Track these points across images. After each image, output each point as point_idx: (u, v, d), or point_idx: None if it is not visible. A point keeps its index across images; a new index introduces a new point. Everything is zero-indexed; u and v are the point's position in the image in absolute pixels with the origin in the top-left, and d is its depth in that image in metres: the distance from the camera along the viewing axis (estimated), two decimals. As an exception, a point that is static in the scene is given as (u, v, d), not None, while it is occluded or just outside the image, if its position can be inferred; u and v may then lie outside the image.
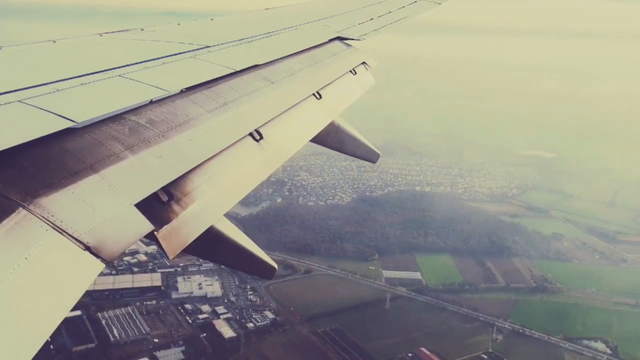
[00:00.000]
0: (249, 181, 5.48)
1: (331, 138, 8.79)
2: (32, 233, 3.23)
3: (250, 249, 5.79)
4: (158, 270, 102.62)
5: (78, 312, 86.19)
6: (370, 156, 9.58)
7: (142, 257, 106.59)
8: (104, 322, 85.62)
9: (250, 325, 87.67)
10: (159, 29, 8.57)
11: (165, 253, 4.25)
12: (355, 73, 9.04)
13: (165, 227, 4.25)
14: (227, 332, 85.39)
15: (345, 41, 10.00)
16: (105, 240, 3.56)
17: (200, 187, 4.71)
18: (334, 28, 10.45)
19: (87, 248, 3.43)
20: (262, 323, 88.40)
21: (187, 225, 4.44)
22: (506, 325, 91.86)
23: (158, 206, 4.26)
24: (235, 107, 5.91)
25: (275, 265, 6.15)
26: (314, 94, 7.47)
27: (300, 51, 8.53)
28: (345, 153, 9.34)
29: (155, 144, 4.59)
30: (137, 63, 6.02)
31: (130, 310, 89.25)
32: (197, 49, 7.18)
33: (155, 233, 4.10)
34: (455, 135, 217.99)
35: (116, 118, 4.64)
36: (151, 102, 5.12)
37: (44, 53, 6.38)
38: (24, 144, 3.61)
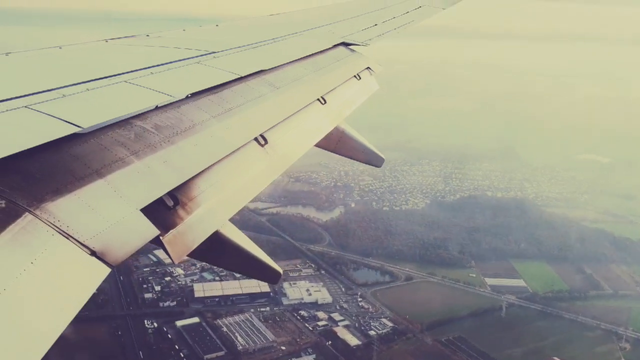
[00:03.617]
0: (254, 186, 5.48)
1: (336, 143, 8.79)
2: (39, 238, 3.24)
3: (255, 254, 5.78)
4: None
5: (196, 319, 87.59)
6: (374, 161, 9.56)
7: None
8: (224, 329, 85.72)
9: (372, 333, 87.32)
10: (164, 35, 8.60)
11: (170, 258, 4.26)
12: (360, 78, 9.05)
13: (170, 232, 4.25)
14: (352, 340, 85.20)
15: (349, 47, 10.02)
16: (111, 245, 3.56)
17: (205, 192, 4.71)
18: (338, 34, 10.46)
19: (93, 253, 3.44)
20: (383, 331, 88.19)
21: (193, 230, 4.44)
22: (630, 334, 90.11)
23: (164, 211, 4.26)
24: (240, 112, 5.92)
25: (281, 271, 6.13)
26: (318, 99, 7.48)
27: (305, 57, 8.55)
28: (350, 158, 9.31)
29: (160, 149, 4.60)
30: (142, 69, 6.04)
31: (248, 316, 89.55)
32: (203, 55, 7.21)
33: (161, 238, 4.11)
34: (508, 140, 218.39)
35: (122, 123, 4.65)
36: (157, 108, 5.14)
37: (51, 59, 6.41)
38: (30, 149, 3.63)
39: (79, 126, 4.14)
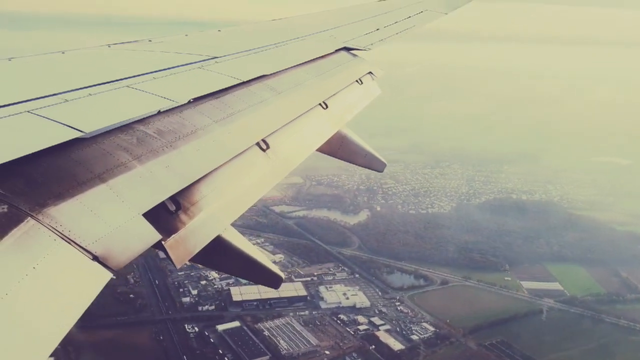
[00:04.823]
0: (256, 191, 5.49)
1: (337, 147, 8.78)
2: (41, 243, 3.25)
3: (257, 259, 5.77)
4: (295, 280, 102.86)
5: (237, 324, 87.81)
6: (376, 165, 9.55)
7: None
8: (266, 333, 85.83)
9: (415, 337, 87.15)
10: (166, 39, 8.62)
11: (172, 262, 4.26)
12: (362, 83, 9.05)
13: (172, 236, 4.25)
14: (395, 344, 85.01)
15: (351, 51, 10.03)
16: (113, 249, 3.57)
17: (207, 197, 4.72)
18: (340, 38, 10.48)
19: (95, 258, 3.44)
20: (425, 335, 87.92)
21: (195, 234, 4.44)
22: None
23: (166, 216, 4.27)
24: (242, 117, 5.93)
25: (283, 275, 6.12)
26: (320, 104, 7.48)
27: (307, 61, 8.56)
28: (351, 162, 9.30)
29: (163, 153, 4.61)
30: (145, 74, 6.06)
31: (289, 320, 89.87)
32: (205, 60, 7.22)
33: (163, 242, 4.11)
34: (524, 142, 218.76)
35: (124, 128, 4.66)
36: (159, 113, 5.15)
37: (53, 64, 6.43)
38: (33, 154, 3.63)
39: (81, 131, 4.15)
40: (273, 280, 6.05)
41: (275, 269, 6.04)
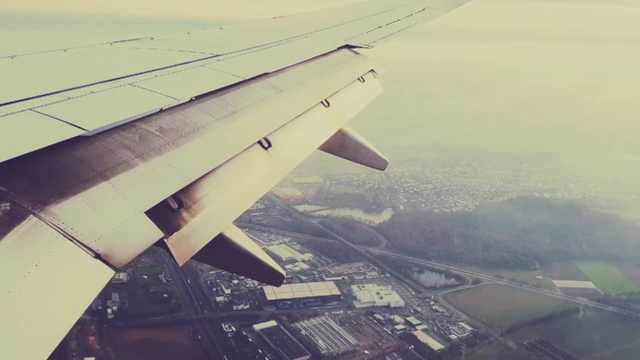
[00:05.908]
0: (258, 189, 5.49)
1: (339, 145, 8.77)
2: (43, 240, 3.25)
3: (258, 257, 5.78)
4: (327, 279, 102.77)
5: (274, 323, 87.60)
6: (378, 164, 9.53)
7: (304, 266, 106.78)
8: (303, 332, 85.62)
9: (453, 337, 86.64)
10: (168, 37, 8.62)
11: (174, 260, 4.26)
12: (364, 81, 9.04)
13: (174, 234, 4.25)
14: (434, 344, 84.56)
15: (353, 49, 10.02)
16: (115, 247, 3.57)
17: (209, 195, 4.72)
18: (342, 36, 10.46)
19: (97, 255, 3.44)
20: (463, 335, 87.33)
21: (197, 232, 4.45)
22: None
23: (168, 214, 4.27)
24: (244, 115, 5.93)
25: (284, 273, 6.13)
26: (322, 102, 7.48)
27: (309, 59, 8.55)
28: (353, 160, 9.28)
29: (165, 151, 4.61)
30: (147, 72, 6.06)
31: (325, 320, 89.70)
32: (207, 58, 7.22)
33: (165, 240, 4.11)
34: (540, 141, 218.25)
35: (126, 126, 4.66)
36: (161, 111, 5.15)
37: (55, 62, 6.43)
38: (35, 151, 3.64)
39: (83, 129, 4.16)
40: (275, 278, 6.05)
41: (277, 266, 6.04)
